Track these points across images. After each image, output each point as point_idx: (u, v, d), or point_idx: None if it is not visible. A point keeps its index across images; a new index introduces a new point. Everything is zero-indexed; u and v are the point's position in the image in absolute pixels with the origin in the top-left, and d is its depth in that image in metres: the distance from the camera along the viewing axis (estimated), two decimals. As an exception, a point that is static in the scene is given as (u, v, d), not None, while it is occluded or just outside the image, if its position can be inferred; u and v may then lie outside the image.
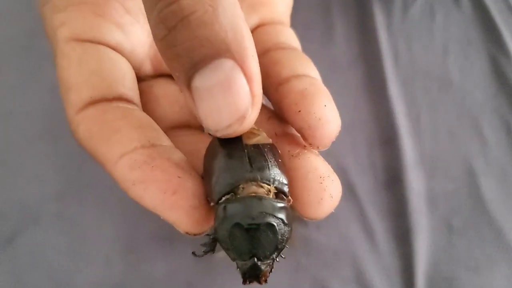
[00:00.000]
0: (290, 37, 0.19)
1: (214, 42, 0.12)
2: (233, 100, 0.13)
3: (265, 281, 0.14)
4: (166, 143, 0.16)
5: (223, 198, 0.14)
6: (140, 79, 0.20)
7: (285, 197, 0.15)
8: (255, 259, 0.13)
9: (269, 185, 0.14)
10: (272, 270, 0.14)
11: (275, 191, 0.14)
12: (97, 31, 0.17)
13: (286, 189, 0.15)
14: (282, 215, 0.13)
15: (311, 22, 0.53)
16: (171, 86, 0.20)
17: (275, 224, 0.13)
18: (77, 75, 0.17)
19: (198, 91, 0.13)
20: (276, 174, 0.14)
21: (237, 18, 0.13)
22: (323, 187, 0.15)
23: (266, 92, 0.18)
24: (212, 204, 0.15)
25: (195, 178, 0.15)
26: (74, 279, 0.38)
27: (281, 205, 0.14)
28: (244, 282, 0.14)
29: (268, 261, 0.14)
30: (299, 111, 0.16)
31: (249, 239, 0.13)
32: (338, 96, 0.17)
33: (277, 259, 0.14)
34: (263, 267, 0.14)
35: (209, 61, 0.12)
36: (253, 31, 0.19)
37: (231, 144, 0.15)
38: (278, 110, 0.18)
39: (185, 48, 0.13)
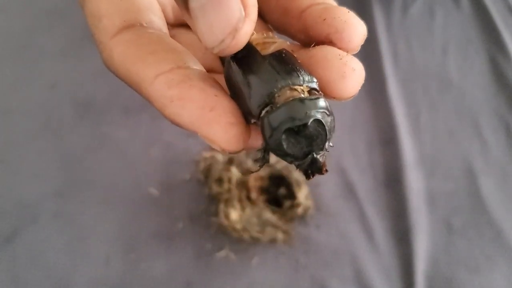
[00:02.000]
0: None
1: None
2: (223, 13, 0.13)
3: (326, 171, 0.15)
4: (200, 67, 0.16)
5: (263, 112, 0.14)
6: None
7: (317, 92, 0.15)
8: (314, 154, 0.14)
9: (301, 85, 0.15)
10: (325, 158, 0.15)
11: (308, 89, 0.15)
12: None
13: (315, 85, 0.15)
14: (323, 108, 0.14)
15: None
16: (192, 34, 0.21)
17: (320, 118, 0.14)
18: (107, 4, 0.17)
19: (194, 11, 0.13)
20: (302, 74, 0.15)
21: None
22: (344, 62, 0.15)
23: (288, 26, 0.19)
24: (253, 121, 0.15)
25: (229, 98, 0.15)
26: (73, 277, 0.38)
27: (319, 99, 0.14)
28: (308, 178, 0.15)
29: (322, 153, 0.14)
30: (324, 19, 0.16)
31: (302, 139, 0.14)
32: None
33: (328, 149, 0.15)
34: (321, 159, 0.14)
35: None
36: None
37: (248, 60, 0.15)
38: (301, 35, 0.18)
39: None
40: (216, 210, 0.40)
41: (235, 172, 0.42)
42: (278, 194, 0.42)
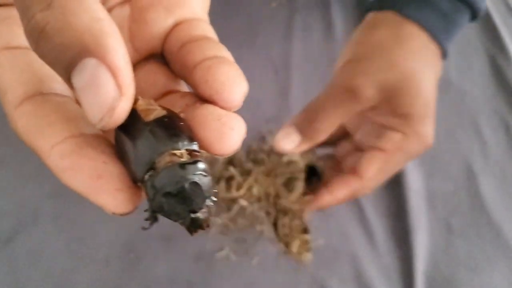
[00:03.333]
0: (205, 30, 0.21)
1: (73, 46, 0.14)
2: (99, 95, 0.14)
3: (208, 226, 0.16)
4: (95, 132, 0.17)
5: (146, 176, 0.16)
6: None
7: (198, 153, 0.16)
8: (193, 214, 0.16)
9: (180, 149, 0.16)
10: (211, 214, 0.17)
11: (187, 152, 0.16)
12: (25, 38, 0.18)
13: (196, 146, 0.16)
14: (200, 170, 0.16)
15: (311, 22, 0.53)
16: None
17: (196, 180, 0.15)
18: (10, 77, 0.18)
19: (76, 92, 0.14)
20: (182, 137, 0.16)
21: (94, 20, 0.14)
22: (222, 123, 0.17)
23: (185, 79, 0.19)
24: (139, 184, 0.16)
25: (118, 163, 0.16)
26: (73, 278, 0.38)
27: (196, 162, 0.16)
28: (191, 234, 0.16)
29: (204, 210, 0.16)
30: (207, 80, 0.18)
31: (181, 201, 0.15)
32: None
33: (211, 203, 0.16)
34: (202, 216, 0.16)
35: (75, 64, 0.14)
36: (171, 30, 0.21)
37: (132, 127, 0.16)
38: (195, 90, 0.19)
39: (53, 57, 0.15)
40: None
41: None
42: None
